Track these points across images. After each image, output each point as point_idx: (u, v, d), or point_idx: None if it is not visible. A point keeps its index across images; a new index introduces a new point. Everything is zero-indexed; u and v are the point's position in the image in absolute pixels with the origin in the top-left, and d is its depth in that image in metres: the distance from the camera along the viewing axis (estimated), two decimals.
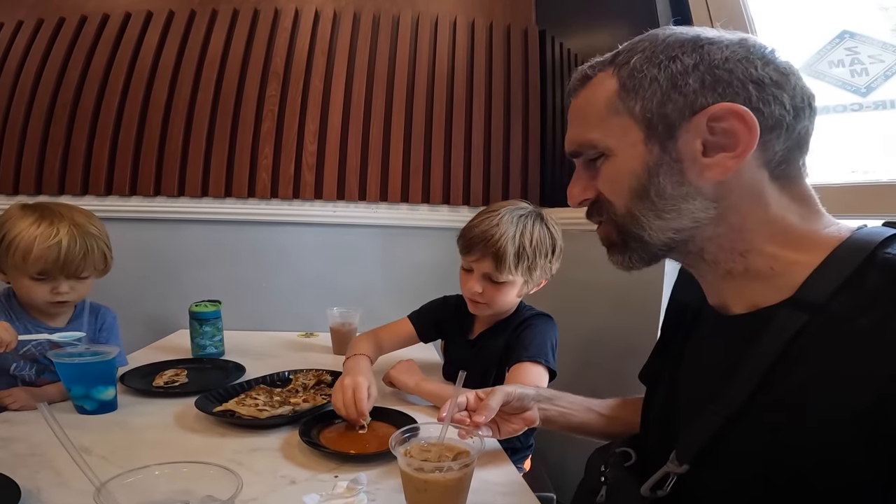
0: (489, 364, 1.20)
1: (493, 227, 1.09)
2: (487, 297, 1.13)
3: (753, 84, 0.50)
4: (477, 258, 1.11)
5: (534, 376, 1.07)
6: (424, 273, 1.87)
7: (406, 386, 1.15)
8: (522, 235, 1.09)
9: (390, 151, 1.85)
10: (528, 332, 1.14)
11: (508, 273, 1.09)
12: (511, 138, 1.90)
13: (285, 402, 1.04)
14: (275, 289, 1.85)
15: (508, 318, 1.21)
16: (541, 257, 1.11)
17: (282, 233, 1.84)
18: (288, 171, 1.81)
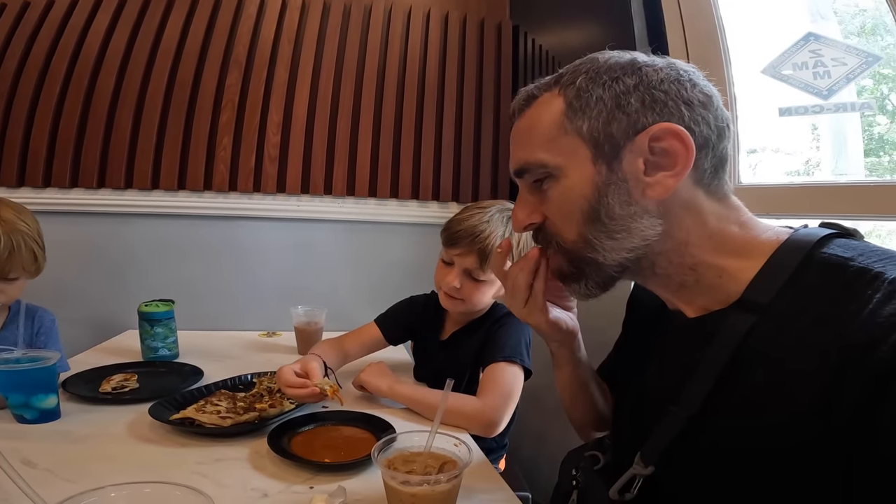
0: (462, 365, 1.16)
1: (483, 223, 1.06)
2: (464, 294, 1.10)
3: (685, 104, 0.52)
4: (461, 252, 1.07)
5: (509, 377, 1.04)
6: (394, 270, 1.82)
7: (378, 389, 1.10)
8: (511, 236, 1.06)
9: (358, 144, 1.79)
10: (501, 332, 1.11)
11: (491, 272, 1.06)
12: (482, 134, 1.88)
13: (250, 407, 0.97)
14: (234, 287, 1.76)
15: (481, 318, 1.19)
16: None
17: (241, 228, 1.74)
18: (248, 164, 1.72)
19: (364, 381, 1.12)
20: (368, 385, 1.11)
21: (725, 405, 0.49)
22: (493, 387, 1.03)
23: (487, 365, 1.07)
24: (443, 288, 1.12)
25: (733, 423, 0.48)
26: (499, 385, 1.03)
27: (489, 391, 1.03)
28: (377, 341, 1.29)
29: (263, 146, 1.73)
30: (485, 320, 1.18)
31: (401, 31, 1.86)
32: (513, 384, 1.04)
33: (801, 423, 0.44)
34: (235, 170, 1.72)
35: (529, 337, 1.13)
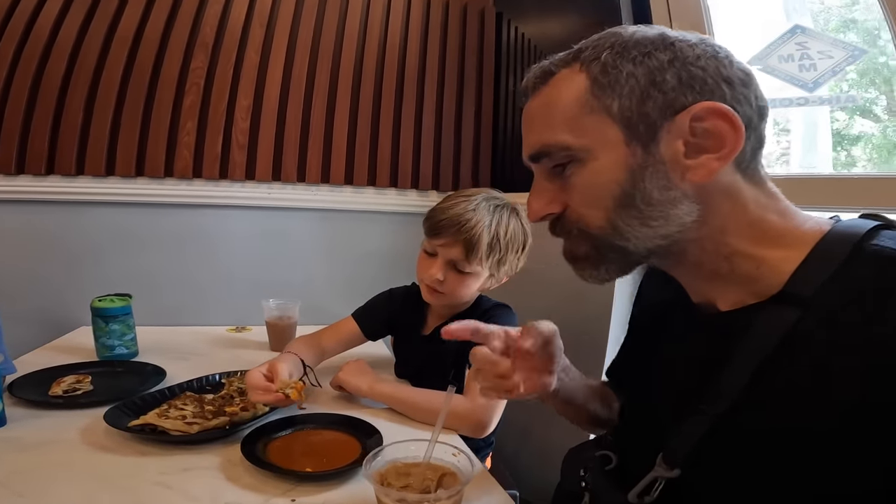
0: (446, 362, 1.11)
1: (469, 211, 1.01)
2: (448, 287, 1.05)
3: (725, 82, 0.48)
4: (445, 243, 1.02)
5: None
6: (371, 261, 1.75)
7: (358, 389, 1.03)
8: (498, 225, 1.02)
9: (334, 130, 1.70)
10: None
11: (477, 264, 1.01)
12: (463, 121, 1.82)
13: (219, 411, 0.89)
14: (199, 279, 1.65)
15: (466, 311, 1.13)
16: (511, 252, 1.05)
17: (207, 216, 1.64)
18: (214, 150, 1.61)
19: (342, 380, 1.05)
20: (347, 385, 1.04)
21: (761, 402, 0.45)
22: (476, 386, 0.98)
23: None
24: (425, 281, 1.07)
25: (769, 421, 0.45)
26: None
27: (474, 388, 0.98)
28: (355, 337, 1.23)
29: (231, 131, 1.63)
30: (470, 313, 1.12)
31: (381, 14, 1.78)
32: None
33: (843, 424, 0.41)
34: (200, 156, 1.61)
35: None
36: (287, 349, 1.09)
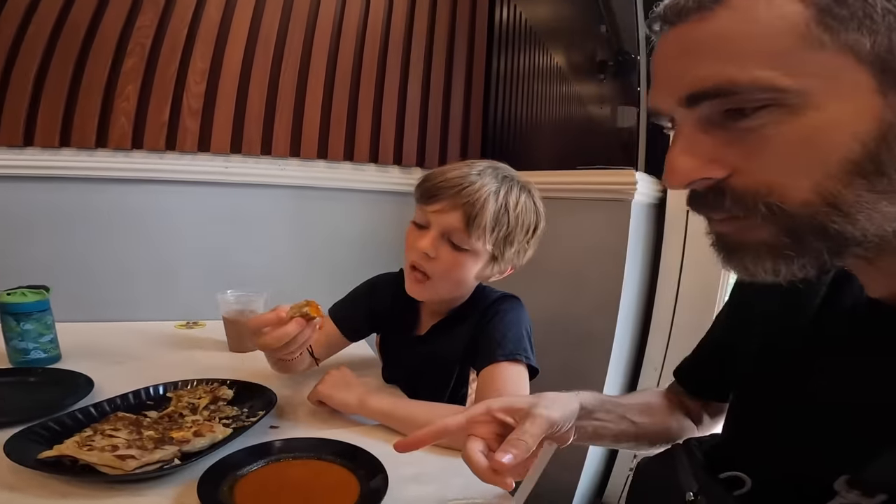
0: (446, 367, 0.93)
1: (474, 175, 0.83)
2: (439, 267, 0.84)
3: None
4: (441, 208, 0.83)
5: (515, 380, 0.83)
6: (347, 245, 1.56)
7: (346, 405, 0.84)
8: (507, 195, 0.84)
9: (306, 98, 1.49)
10: (497, 323, 0.88)
11: (479, 237, 0.82)
12: (452, 93, 1.65)
13: (164, 438, 0.67)
14: (139, 266, 1.40)
15: (466, 305, 0.95)
16: (521, 231, 0.87)
17: (149, 193, 1.39)
18: (159, 117, 1.37)
19: (325, 395, 0.85)
20: (331, 400, 0.84)
21: None
22: (497, 394, 0.80)
23: (485, 366, 0.84)
24: (411, 258, 0.87)
25: None
26: (504, 391, 0.81)
27: (491, 391, 0.81)
28: (335, 338, 1.03)
29: (182, 97, 1.39)
30: (471, 308, 0.94)
31: None
32: (519, 388, 0.83)
33: None
34: (142, 124, 1.37)
35: (530, 325, 0.91)
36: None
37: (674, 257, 1.39)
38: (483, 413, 0.53)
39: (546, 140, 1.61)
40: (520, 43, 1.64)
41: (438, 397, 0.93)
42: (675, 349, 1.39)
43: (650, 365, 1.44)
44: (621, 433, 0.64)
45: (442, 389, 0.94)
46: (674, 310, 1.40)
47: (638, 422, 0.65)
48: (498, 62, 1.69)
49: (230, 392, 0.86)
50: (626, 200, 1.29)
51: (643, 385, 1.45)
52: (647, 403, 0.68)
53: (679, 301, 1.39)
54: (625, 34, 1.43)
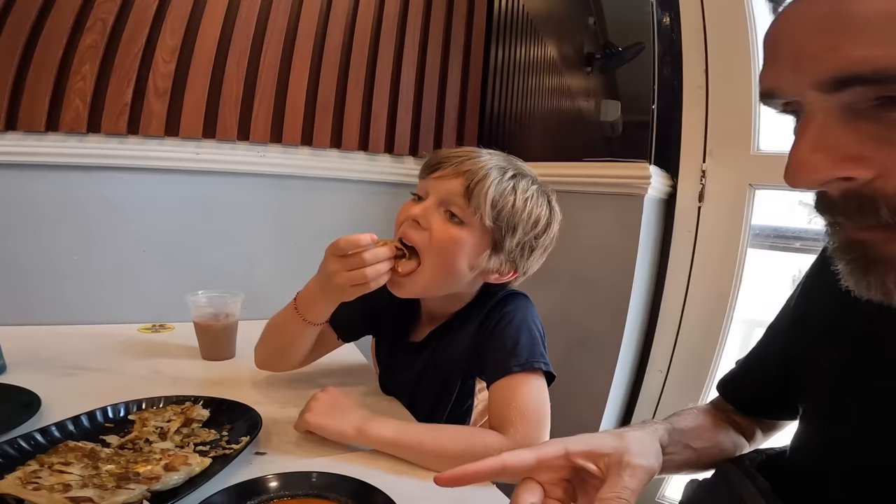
0: (447, 377, 0.83)
1: (483, 155, 0.77)
2: (428, 240, 0.74)
3: None
4: (442, 174, 0.75)
5: (536, 394, 0.73)
6: (333, 238, 1.40)
7: (343, 435, 0.70)
8: (517, 179, 0.76)
9: (290, 79, 1.35)
10: (506, 327, 0.77)
11: (476, 208, 0.72)
12: (449, 78, 1.53)
13: (128, 473, 0.55)
14: (96, 263, 1.24)
15: (469, 308, 0.84)
16: (527, 221, 0.76)
17: (108, 181, 1.23)
18: (120, 98, 1.22)
19: (315, 425, 0.71)
20: (324, 430, 0.71)
21: None
22: (519, 413, 0.70)
23: (498, 378, 0.73)
24: (398, 233, 0.76)
25: None
26: (526, 409, 0.71)
27: (515, 419, 0.70)
28: (326, 338, 0.92)
29: (148, 76, 1.24)
30: (474, 311, 0.83)
31: None
32: (541, 402, 0.73)
33: None
34: (100, 105, 1.21)
35: (542, 323, 0.81)
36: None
37: (683, 256, 1.32)
38: (559, 456, 0.44)
39: (546, 132, 1.52)
40: (519, 33, 1.56)
41: (440, 410, 0.84)
42: (683, 352, 1.33)
43: (655, 367, 1.37)
44: (684, 463, 0.57)
45: (444, 401, 0.84)
46: (682, 311, 1.33)
47: (698, 448, 0.58)
48: (497, 52, 1.61)
49: (205, 412, 0.74)
50: (638, 195, 1.21)
51: (647, 388, 1.38)
52: (700, 426, 0.61)
53: (688, 302, 1.32)
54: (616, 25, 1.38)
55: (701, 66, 1.26)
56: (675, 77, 1.29)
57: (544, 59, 1.52)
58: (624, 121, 1.35)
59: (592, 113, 1.42)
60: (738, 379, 0.65)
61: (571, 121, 1.48)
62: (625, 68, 1.34)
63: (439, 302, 0.84)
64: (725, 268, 1.25)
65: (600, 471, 0.43)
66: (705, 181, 1.28)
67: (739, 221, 1.23)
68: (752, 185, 1.22)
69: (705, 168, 1.27)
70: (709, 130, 1.27)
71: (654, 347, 1.37)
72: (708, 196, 1.28)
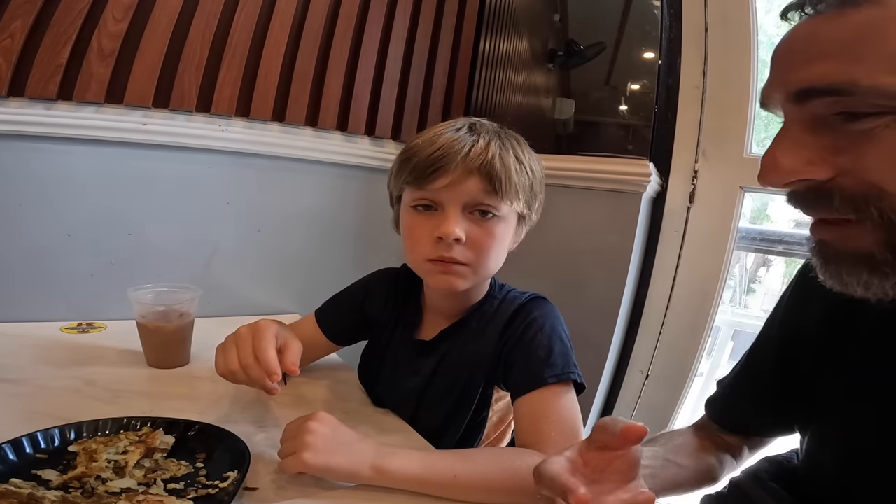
0: (466, 382, 0.74)
1: (467, 133, 0.68)
2: (475, 251, 0.67)
3: None
4: (452, 180, 0.65)
5: (569, 406, 0.66)
6: (303, 225, 1.28)
7: (353, 475, 0.56)
8: (511, 144, 0.70)
9: (265, 50, 1.18)
10: (537, 333, 0.70)
11: (510, 198, 0.67)
12: (437, 59, 1.43)
13: None
14: (11, 249, 1.02)
15: (484, 305, 0.76)
16: (538, 183, 0.74)
17: (29, 152, 1.02)
18: (55, 59, 1.01)
19: (318, 467, 0.55)
20: (329, 472, 0.56)
21: None
22: (558, 429, 0.63)
23: (530, 390, 0.66)
24: (438, 252, 0.67)
25: None
26: (565, 424, 0.64)
27: (554, 435, 0.62)
28: (317, 342, 0.85)
29: (91, 35, 1.04)
30: (491, 308, 0.75)
31: None
32: (577, 416, 0.66)
33: None
34: (27, 66, 1.00)
35: (568, 332, 0.75)
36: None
37: (670, 255, 1.30)
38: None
39: (533, 124, 1.46)
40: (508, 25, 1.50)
41: (456, 421, 0.74)
42: (665, 353, 1.31)
43: (636, 367, 1.35)
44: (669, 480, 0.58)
45: (461, 411, 0.75)
46: (665, 311, 1.31)
47: (683, 464, 0.60)
48: (486, 42, 1.53)
49: (169, 439, 0.58)
50: (636, 193, 1.17)
51: (627, 388, 1.35)
52: (685, 443, 0.63)
53: (672, 302, 1.30)
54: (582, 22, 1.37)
55: (700, 67, 1.24)
56: (672, 76, 1.27)
57: (523, 53, 1.48)
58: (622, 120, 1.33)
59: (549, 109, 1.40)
60: (726, 400, 0.65)
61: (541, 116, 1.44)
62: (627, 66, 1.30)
63: (454, 295, 0.75)
64: (712, 269, 1.24)
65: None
66: (696, 181, 1.26)
67: (729, 223, 1.22)
68: (743, 187, 1.21)
69: (697, 168, 1.26)
70: (703, 131, 1.25)
71: (636, 348, 1.34)
72: (698, 196, 1.26)
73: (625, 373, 1.35)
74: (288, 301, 1.28)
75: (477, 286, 0.75)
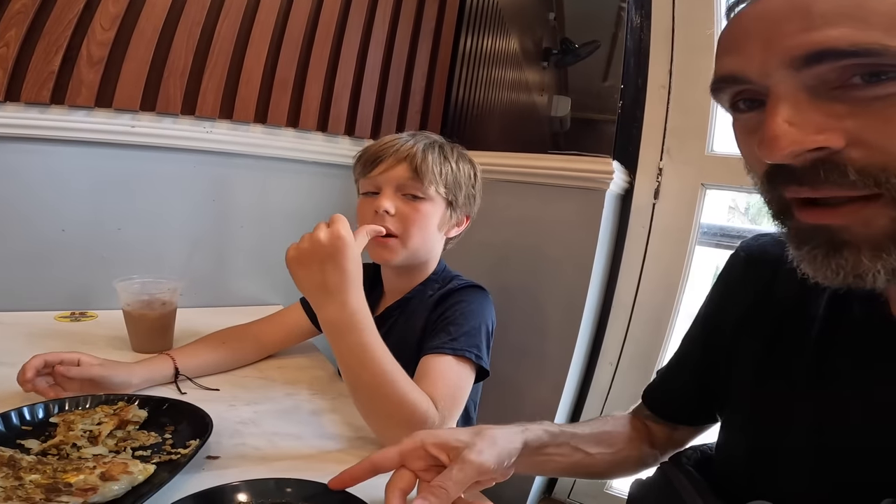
0: (405, 351, 0.80)
1: (406, 137, 0.86)
2: (403, 225, 0.81)
3: None
4: (387, 166, 0.83)
5: (451, 377, 0.73)
6: (284, 222, 1.34)
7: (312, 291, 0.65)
8: (442, 148, 0.87)
9: (247, 52, 1.24)
10: (456, 312, 0.80)
11: (431, 182, 0.82)
12: (417, 60, 1.48)
13: (57, 484, 0.47)
14: (7, 244, 1.09)
15: (426, 284, 0.88)
16: (465, 176, 0.88)
17: (24, 153, 1.09)
18: (46, 66, 1.07)
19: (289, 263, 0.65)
20: (295, 278, 0.65)
21: None
22: (443, 384, 0.71)
23: (428, 353, 0.74)
24: (373, 222, 0.79)
25: None
26: (449, 385, 0.72)
27: (439, 389, 0.69)
28: (299, 328, 0.97)
29: (82, 43, 1.10)
30: (431, 285, 0.88)
31: None
32: (462, 386, 0.74)
33: None
34: (21, 72, 1.06)
35: (493, 321, 0.84)
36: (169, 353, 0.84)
37: (637, 251, 1.34)
38: (417, 447, 0.48)
39: (510, 123, 1.51)
40: (489, 24, 1.54)
41: None
42: (633, 345, 1.36)
43: (605, 359, 1.40)
44: (572, 466, 0.60)
45: None
46: (633, 305, 1.36)
47: (592, 453, 0.61)
48: (466, 41, 1.57)
49: (142, 413, 0.65)
50: (600, 190, 1.22)
51: (597, 380, 1.41)
52: (605, 433, 0.64)
53: (639, 296, 1.35)
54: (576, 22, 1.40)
55: (666, 66, 1.28)
56: (641, 75, 1.31)
57: (509, 51, 1.51)
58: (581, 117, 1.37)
59: (546, 107, 1.43)
60: (659, 387, 0.67)
61: (533, 113, 1.48)
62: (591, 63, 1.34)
63: (400, 276, 0.89)
64: (675, 264, 1.28)
65: (449, 461, 0.47)
66: (661, 179, 1.30)
67: (691, 219, 1.26)
68: (704, 184, 1.25)
69: (662, 166, 1.30)
70: (668, 129, 1.29)
71: (605, 340, 1.39)
72: (663, 193, 1.30)
73: (595, 364, 1.40)
74: (272, 293, 1.35)
75: (418, 267, 0.88)
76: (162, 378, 0.81)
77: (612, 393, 1.40)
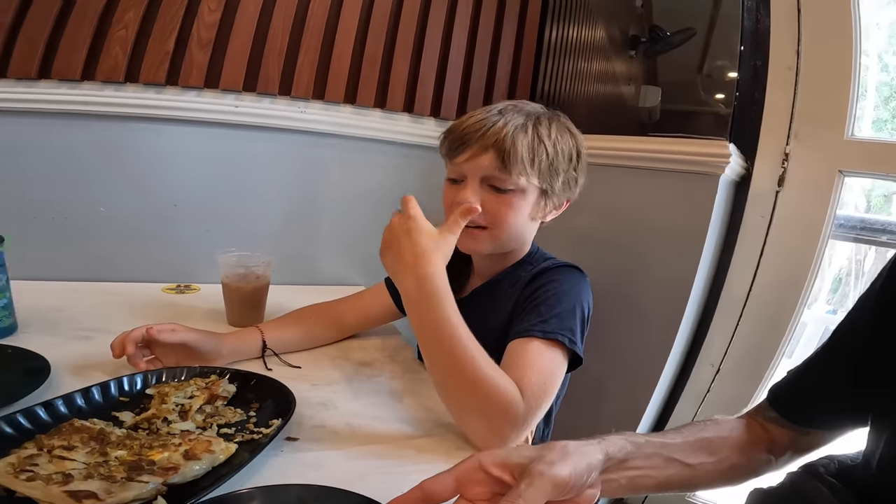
0: (493, 335, 0.75)
1: (494, 115, 0.76)
2: (489, 217, 0.75)
3: None
4: (471, 155, 0.75)
5: (543, 364, 0.66)
6: (371, 202, 1.34)
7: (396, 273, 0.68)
8: (538, 126, 0.76)
9: (337, 34, 1.26)
10: (547, 292, 0.73)
11: (520, 173, 0.74)
12: (502, 42, 1.43)
13: (141, 462, 0.47)
14: (120, 214, 1.17)
15: (518, 266, 0.82)
16: (563, 159, 0.78)
17: (141, 132, 1.16)
18: (161, 47, 1.13)
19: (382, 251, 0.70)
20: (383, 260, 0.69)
21: None
22: (533, 371, 0.64)
23: (517, 338, 0.69)
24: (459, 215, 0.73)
25: None
26: (541, 372, 0.65)
27: (529, 378, 0.63)
28: (382, 310, 0.96)
29: (192, 26, 1.15)
30: (522, 269, 0.81)
31: None
32: (553, 373, 0.67)
33: None
34: (139, 55, 1.13)
35: (589, 304, 0.76)
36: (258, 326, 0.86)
37: (754, 243, 1.21)
38: (474, 469, 0.42)
39: (597, 115, 1.41)
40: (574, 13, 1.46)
41: None
42: (741, 346, 1.23)
43: (706, 361, 1.28)
44: (669, 479, 0.52)
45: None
46: (744, 303, 1.22)
47: (692, 463, 0.53)
48: (550, 33, 1.50)
49: (231, 388, 0.66)
50: (713, 175, 1.09)
51: (694, 382, 1.30)
52: (704, 439, 0.56)
53: (752, 293, 1.21)
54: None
55: (792, 47, 1.14)
56: (759, 56, 1.17)
57: (595, 41, 1.42)
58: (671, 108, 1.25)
59: (633, 98, 1.32)
60: (793, 385, 0.59)
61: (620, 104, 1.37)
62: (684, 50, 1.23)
63: (491, 259, 0.83)
64: (802, 258, 1.13)
65: (514, 481, 0.41)
66: (787, 164, 1.14)
67: (824, 209, 1.10)
68: (843, 171, 1.09)
69: (788, 151, 1.14)
70: (796, 112, 1.14)
71: (708, 338, 1.27)
72: (788, 180, 1.15)
73: (693, 364, 1.29)
74: (355, 273, 1.37)
75: (511, 251, 0.82)
76: (249, 351, 0.83)
77: (709, 398, 1.28)
